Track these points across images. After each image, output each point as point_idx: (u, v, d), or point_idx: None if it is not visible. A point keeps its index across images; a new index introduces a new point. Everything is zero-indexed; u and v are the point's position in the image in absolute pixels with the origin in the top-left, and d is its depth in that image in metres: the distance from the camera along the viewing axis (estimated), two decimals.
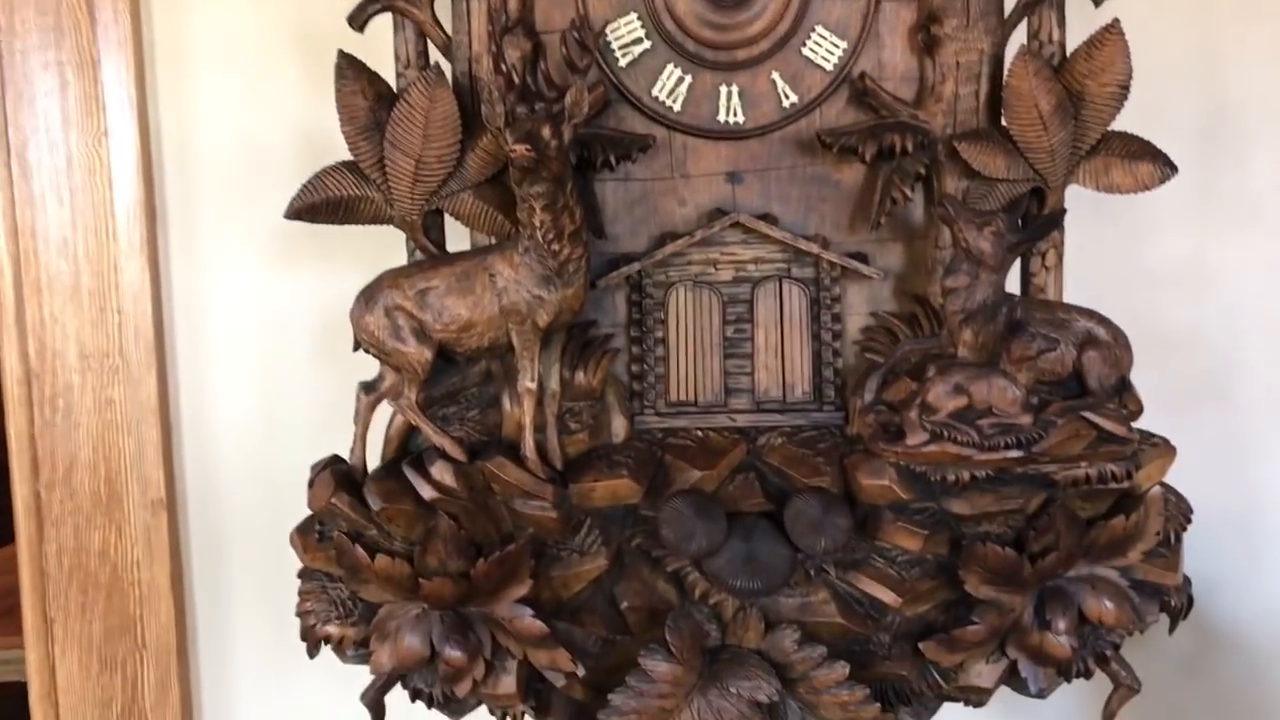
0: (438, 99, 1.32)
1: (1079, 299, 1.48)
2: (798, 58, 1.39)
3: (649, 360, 1.41)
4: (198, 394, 1.74)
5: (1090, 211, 1.58)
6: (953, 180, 1.37)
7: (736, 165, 1.41)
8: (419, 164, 1.34)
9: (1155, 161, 1.36)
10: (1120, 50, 1.33)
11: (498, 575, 1.31)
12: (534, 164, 1.21)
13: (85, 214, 1.67)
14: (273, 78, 1.69)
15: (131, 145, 1.67)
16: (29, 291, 1.68)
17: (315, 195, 1.37)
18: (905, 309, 1.42)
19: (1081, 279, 1.52)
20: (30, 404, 1.69)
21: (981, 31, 1.36)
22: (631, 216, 1.42)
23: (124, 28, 1.65)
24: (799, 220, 1.42)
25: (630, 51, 1.39)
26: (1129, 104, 1.35)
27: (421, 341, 1.31)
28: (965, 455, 1.27)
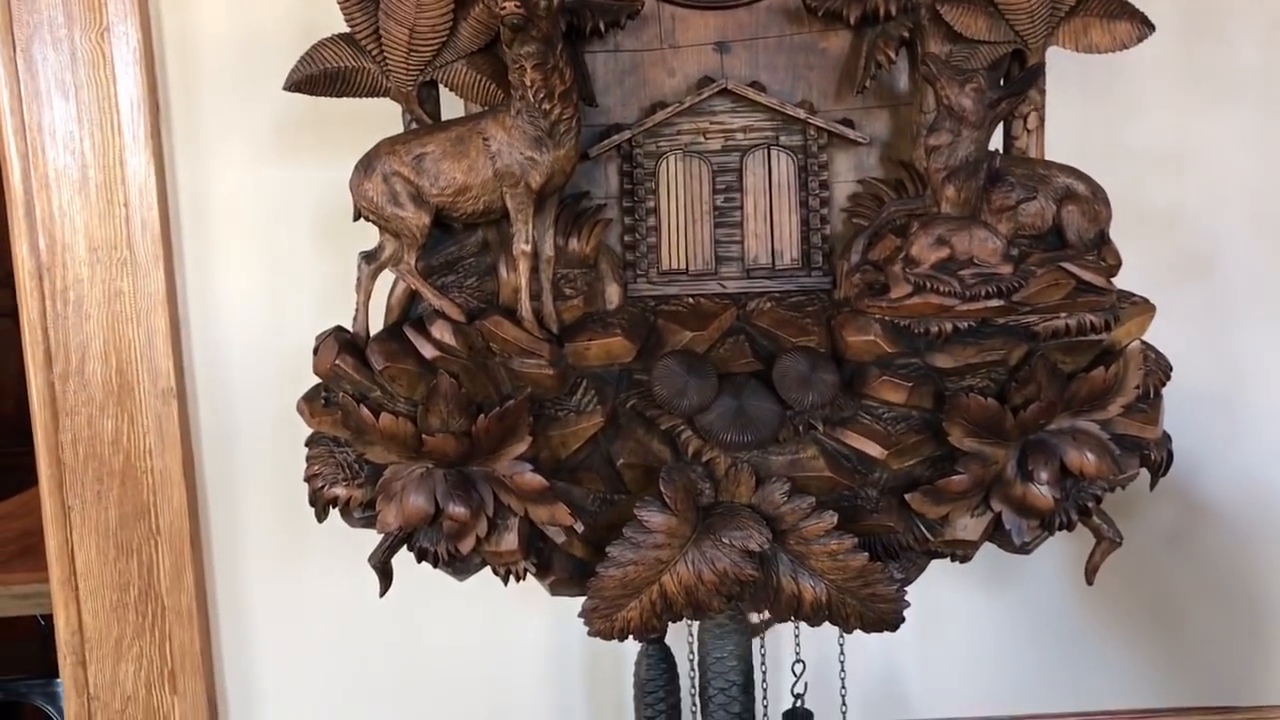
0: None
1: None
2: None
3: (641, 230, 1.45)
4: (204, 284, 1.79)
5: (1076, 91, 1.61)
6: (936, 43, 1.39)
7: (724, 35, 1.44)
8: (413, 34, 1.37)
9: (1133, 20, 1.38)
10: None
11: (498, 432, 1.35)
12: (524, 22, 1.24)
13: (90, 109, 1.71)
14: None
15: (134, 40, 1.70)
16: (37, 186, 1.72)
17: (312, 67, 1.40)
18: (891, 175, 1.45)
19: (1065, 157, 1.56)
20: (42, 297, 1.73)
21: None
22: (622, 87, 1.45)
23: None
24: (786, 89, 1.45)
25: None
26: None
27: (419, 206, 1.34)
28: (948, 305, 1.31)
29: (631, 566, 1.37)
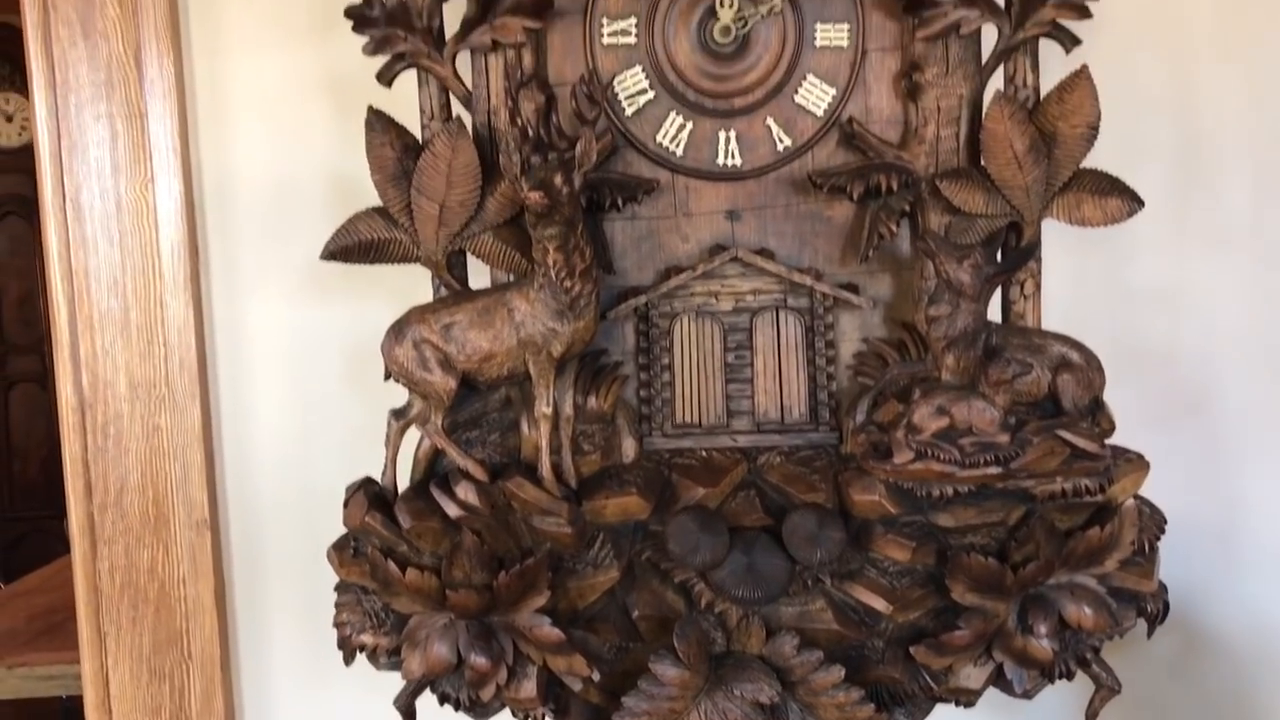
0: (459, 149, 1.44)
1: (1062, 318, 1.58)
2: (790, 104, 1.50)
3: (656, 385, 1.52)
4: (238, 420, 1.86)
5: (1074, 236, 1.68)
6: (935, 216, 1.47)
7: (735, 204, 1.52)
8: (443, 209, 1.46)
9: (1123, 197, 1.46)
10: (1089, 94, 1.43)
11: (518, 587, 1.42)
12: (547, 209, 1.32)
13: (133, 254, 1.80)
14: (305, 123, 1.81)
15: (176, 189, 1.79)
16: (82, 328, 1.81)
17: (348, 239, 1.49)
18: (894, 335, 1.52)
19: (1063, 299, 1.63)
20: (84, 431, 1.81)
21: (960, 78, 1.46)
22: (638, 252, 1.54)
23: (168, 80, 1.78)
24: (794, 254, 1.53)
25: (635, 101, 1.50)
26: (1106, 133, 1.44)
27: (446, 371, 1.42)
28: (948, 472, 1.37)
29: (646, 717, 1.43)
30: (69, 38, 1.78)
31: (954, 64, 1.46)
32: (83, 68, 1.78)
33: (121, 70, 1.78)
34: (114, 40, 1.77)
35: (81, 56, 1.78)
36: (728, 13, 1.46)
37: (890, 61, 1.49)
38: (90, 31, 1.77)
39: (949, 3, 1.43)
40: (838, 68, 1.49)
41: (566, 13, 1.49)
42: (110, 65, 1.78)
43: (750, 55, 1.49)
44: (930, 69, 1.46)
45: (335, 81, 1.78)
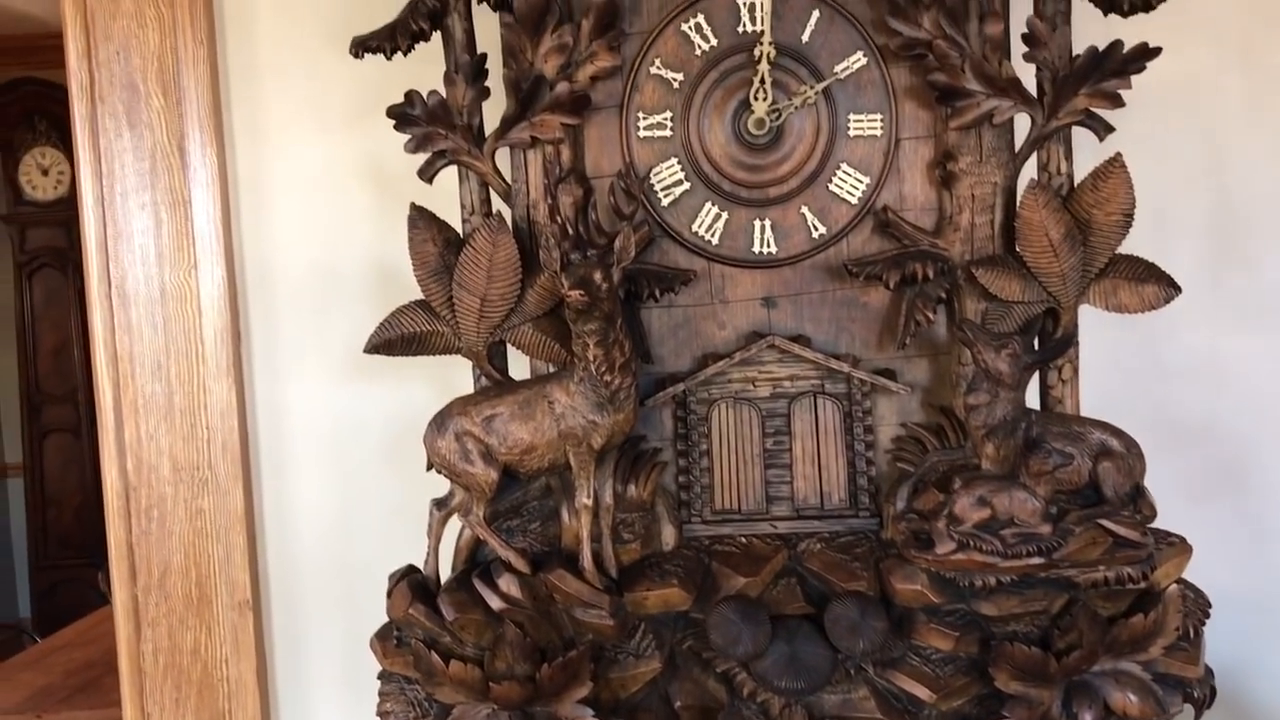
0: (500, 244, 1.46)
1: (1100, 394, 1.59)
2: (825, 193, 1.52)
3: (695, 472, 1.53)
4: (280, 501, 1.89)
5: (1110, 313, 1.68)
6: (972, 302, 1.48)
7: (771, 291, 1.54)
8: (484, 302, 1.48)
9: (1160, 283, 1.46)
10: (1124, 182, 1.44)
11: (561, 678, 1.42)
12: (588, 306, 1.34)
13: (177, 340, 1.83)
14: (345, 209, 1.84)
15: (219, 275, 1.83)
16: (127, 412, 1.84)
17: (391, 332, 1.51)
18: (932, 420, 1.53)
19: (1101, 375, 1.63)
20: (128, 515, 1.84)
21: (994, 166, 1.48)
22: (675, 339, 1.55)
23: (211, 168, 1.82)
24: (830, 339, 1.54)
25: (672, 192, 1.53)
26: (1139, 208, 1.44)
27: (488, 463, 1.44)
28: (990, 563, 1.37)
29: None
30: (115, 129, 1.82)
31: (987, 152, 1.48)
32: (128, 157, 1.83)
33: (166, 160, 1.82)
34: (159, 130, 1.81)
35: (127, 147, 1.82)
36: (762, 105, 1.48)
37: (924, 150, 1.51)
38: (136, 122, 1.82)
39: (981, 93, 1.45)
40: (871, 156, 1.51)
41: (603, 107, 1.52)
42: (155, 155, 1.82)
43: (784, 145, 1.50)
44: (964, 157, 1.47)
45: (374, 168, 1.81)
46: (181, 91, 1.81)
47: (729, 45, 1.50)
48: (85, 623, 4.00)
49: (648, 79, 1.52)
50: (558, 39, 1.47)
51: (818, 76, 1.49)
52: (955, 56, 1.44)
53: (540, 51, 1.47)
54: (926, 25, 1.45)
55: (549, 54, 1.47)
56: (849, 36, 1.50)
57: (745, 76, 1.49)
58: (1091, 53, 1.44)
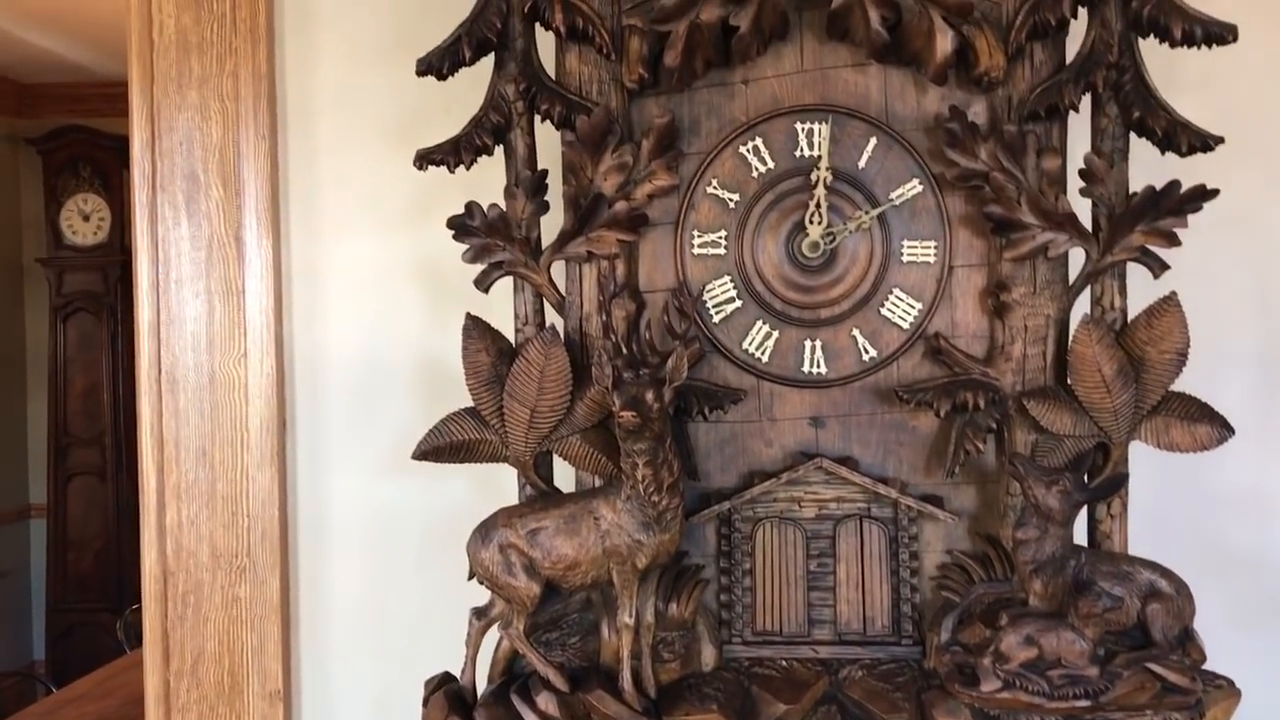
0: (552, 356, 1.47)
1: (1148, 522, 1.58)
2: (877, 317, 1.52)
3: (737, 591, 1.52)
4: (316, 593, 1.89)
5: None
6: (1022, 434, 1.48)
7: (819, 411, 1.54)
8: (534, 413, 1.49)
9: (1213, 424, 1.45)
10: (1178, 320, 1.44)
11: None
12: (638, 426, 1.35)
13: (224, 427, 1.85)
14: (396, 306, 1.86)
15: (268, 365, 1.85)
16: (169, 496, 1.85)
17: (440, 439, 1.52)
18: (979, 549, 1.52)
19: (1149, 504, 1.62)
20: (165, 599, 1.84)
21: (1048, 298, 1.48)
22: (722, 455, 1.55)
23: (266, 259, 1.85)
24: (878, 462, 1.54)
25: (723, 309, 1.54)
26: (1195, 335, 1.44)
27: (531, 577, 1.43)
28: (1036, 704, 1.35)
29: None
30: (173, 217, 1.85)
31: (1041, 284, 1.48)
32: (185, 245, 1.86)
33: (222, 250, 1.85)
34: (216, 220, 1.85)
35: (184, 235, 1.85)
36: (816, 229, 1.50)
37: (977, 278, 1.52)
38: (194, 212, 1.85)
39: (1037, 226, 1.46)
40: (924, 283, 1.52)
41: (659, 223, 1.53)
42: (211, 244, 1.85)
43: (837, 268, 1.52)
44: (1017, 288, 1.48)
45: (427, 266, 1.83)
46: (241, 183, 1.84)
47: (786, 169, 1.52)
48: (103, 673, 3.98)
49: (704, 198, 1.54)
50: (618, 158, 1.49)
51: (873, 202, 1.51)
52: (1012, 189, 1.45)
53: (600, 170, 1.49)
54: (984, 157, 1.46)
55: (609, 172, 1.49)
56: (905, 164, 1.51)
57: (801, 199, 1.51)
58: (1149, 191, 1.45)
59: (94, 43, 5.32)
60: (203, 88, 1.84)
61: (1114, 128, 1.47)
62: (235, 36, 1.83)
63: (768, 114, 1.53)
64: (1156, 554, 1.51)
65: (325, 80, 1.86)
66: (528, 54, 1.51)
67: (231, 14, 1.83)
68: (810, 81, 1.53)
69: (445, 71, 1.49)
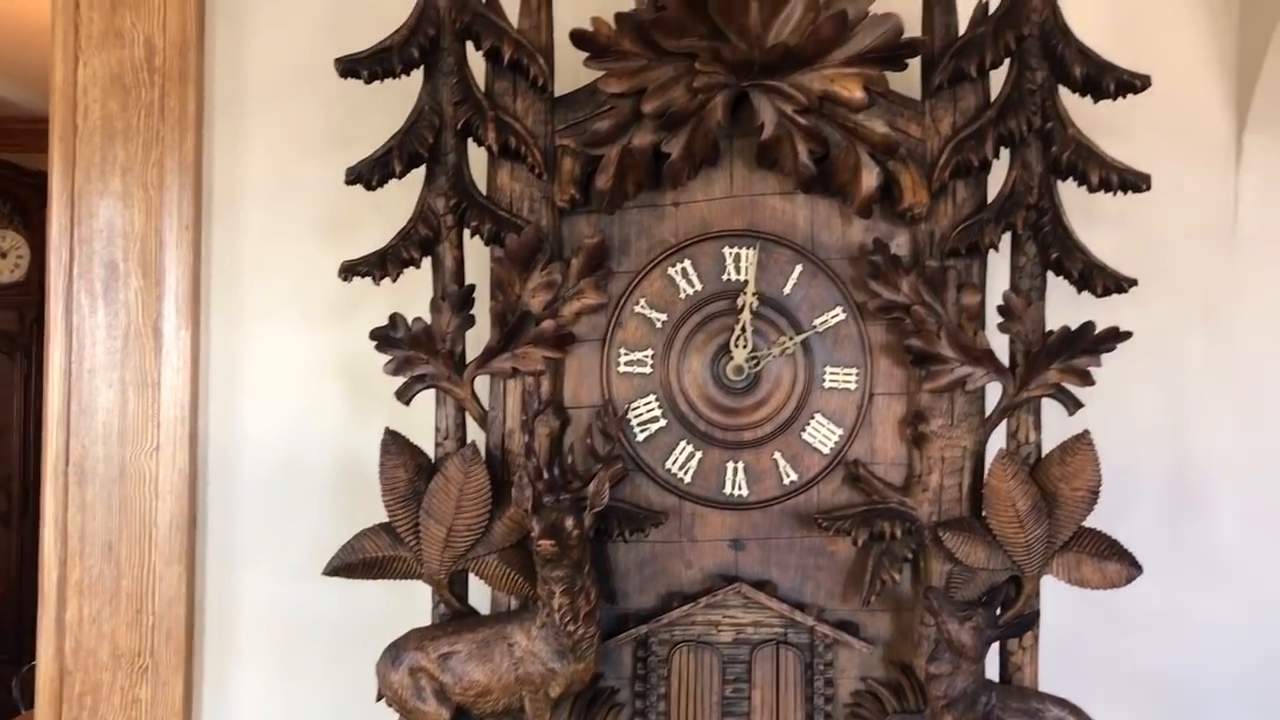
0: (472, 474, 1.46)
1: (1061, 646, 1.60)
2: (798, 441, 1.53)
3: (651, 716, 1.51)
4: (221, 696, 1.83)
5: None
6: (938, 564, 1.49)
7: (739, 533, 1.54)
8: (450, 531, 1.47)
9: (1122, 562, 1.48)
10: (1090, 458, 1.47)
11: None
12: (557, 555, 1.33)
13: (132, 522, 1.79)
14: (317, 402, 1.83)
15: (181, 460, 1.80)
16: (71, 592, 1.79)
17: (352, 556, 1.49)
18: (892, 677, 1.52)
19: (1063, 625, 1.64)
20: (60, 700, 1.77)
21: (965, 430, 1.50)
22: (641, 575, 1.54)
23: (184, 350, 1.81)
24: (796, 587, 1.54)
25: (648, 428, 1.53)
26: (1105, 459, 1.47)
27: (441, 703, 1.41)
28: None
29: None
30: (89, 305, 1.81)
31: (959, 417, 1.50)
32: (100, 334, 1.81)
33: (139, 340, 1.80)
34: (134, 310, 1.80)
35: (100, 324, 1.81)
36: (741, 353, 1.51)
37: (896, 406, 1.53)
38: (112, 301, 1.80)
39: (956, 360, 1.48)
40: (845, 409, 1.53)
41: (586, 340, 1.53)
42: (128, 334, 1.81)
43: (761, 391, 1.52)
44: (935, 420, 1.50)
45: (350, 364, 1.81)
46: (162, 272, 1.80)
47: (713, 291, 1.53)
48: None
49: (632, 316, 1.54)
50: (546, 276, 1.49)
51: (797, 327, 1.52)
52: (932, 323, 1.48)
53: (528, 287, 1.49)
54: (905, 290, 1.49)
55: (537, 290, 1.49)
56: (829, 292, 1.53)
57: (727, 322, 1.52)
58: (1064, 331, 1.48)
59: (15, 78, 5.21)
60: (126, 175, 1.80)
61: (1032, 266, 1.50)
62: (162, 124, 1.80)
63: (697, 237, 1.54)
64: (1068, 680, 1.53)
65: (254, 170, 1.84)
66: (459, 169, 1.50)
67: (160, 102, 1.80)
68: (739, 207, 1.54)
69: (374, 183, 1.48)
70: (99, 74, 1.80)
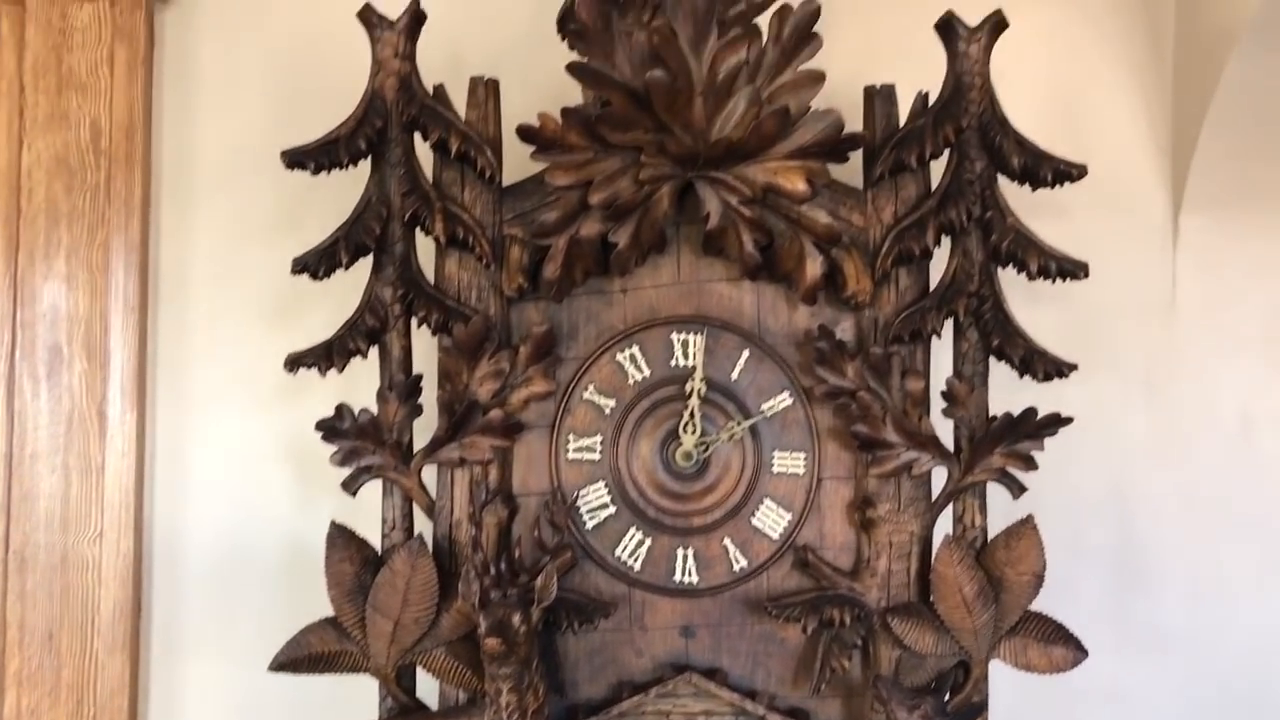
0: (419, 568, 1.45)
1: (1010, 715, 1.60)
2: (748, 526, 1.53)
3: None
4: None
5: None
6: (887, 650, 1.49)
7: (690, 620, 1.54)
8: (397, 625, 1.45)
9: (1068, 646, 1.50)
10: (1035, 543, 1.48)
11: None
12: (503, 653, 1.32)
13: (74, 610, 1.76)
14: (264, 486, 1.81)
15: (125, 546, 1.77)
16: (9, 683, 1.74)
17: (298, 651, 1.47)
18: None
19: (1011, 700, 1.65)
20: None
21: (911, 515, 1.51)
22: (591, 664, 1.53)
23: (129, 434, 1.78)
24: (746, 674, 1.53)
25: (597, 515, 1.53)
26: (1051, 533, 1.49)
27: None
28: None
29: None
30: (32, 389, 1.78)
31: (905, 502, 1.51)
32: (43, 418, 1.78)
33: (83, 424, 1.78)
34: (79, 394, 1.78)
35: (43, 408, 1.78)
36: (690, 439, 1.51)
37: (844, 490, 1.54)
38: (55, 385, 1.78)
39: (901, 444, 1.50)
40: (794, 493, 1.54)
41: (534, 426, 1.53)
42: (72, 418, 1.78)
43: (710, 476, 1.53)
44: (882, 505, 1.51)
45: (297, 447, 1.79)
46: (107, 355, 1.78)
47: (662, 377, 1.54)
48: None
49: (581, 403, 1.54)
50: (494, 365, 1.49)
51: (745, 412, 1.53)
52: (878, 408, 1.49)
53: (476, 375, 1.49)
54: (851, 376, 1.50)
55: (485, 379, 1.49)
56: (776, 377, 1.54)
57: (676, 408, 1.53)
58: (1007, 417, 1.50)
59: None
60: (71, 258, 1.78)
61: (975, 352, 1.52)
62: (108, 207, 1.79)
63: (645, 323, 1.55)
64: None
65: (201, 253, 1.83)
66: (407, 258, 1.50)
67: (106, 184, 1.79)
68: (687, 293, 1.56)
69: (320, 274, 1.48)
70: (44, 156, 1.78)
